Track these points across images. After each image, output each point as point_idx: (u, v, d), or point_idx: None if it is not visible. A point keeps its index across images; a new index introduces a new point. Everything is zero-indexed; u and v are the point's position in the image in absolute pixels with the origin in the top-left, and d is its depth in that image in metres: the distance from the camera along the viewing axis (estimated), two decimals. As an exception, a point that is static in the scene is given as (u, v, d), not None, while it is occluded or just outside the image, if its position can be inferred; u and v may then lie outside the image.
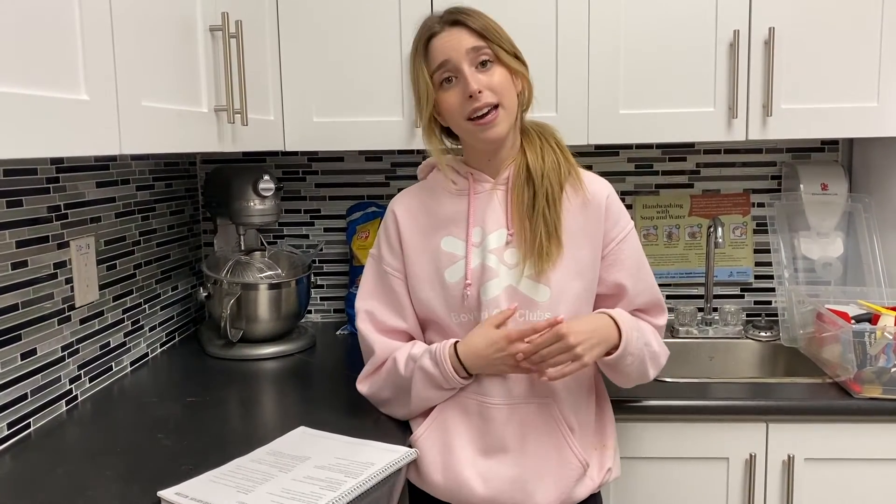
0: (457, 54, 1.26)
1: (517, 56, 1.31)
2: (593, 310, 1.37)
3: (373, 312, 1.40)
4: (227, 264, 1.90)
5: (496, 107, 1.26)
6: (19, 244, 1.37)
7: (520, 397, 1.31)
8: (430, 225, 1.38)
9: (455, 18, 1.27)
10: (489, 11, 1.31)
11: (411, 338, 1.41)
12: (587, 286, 1.34)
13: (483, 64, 1.27)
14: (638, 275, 1.37)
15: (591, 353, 1.23)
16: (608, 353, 1.28)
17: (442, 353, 1.30)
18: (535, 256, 1.29)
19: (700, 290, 2.15)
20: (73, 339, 1.53)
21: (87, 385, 1.58)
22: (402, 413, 1.40)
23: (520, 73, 1.30)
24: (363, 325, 1.40)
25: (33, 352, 1.41)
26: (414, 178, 1.48)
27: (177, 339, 2.02)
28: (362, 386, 1.42)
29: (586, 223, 1.33)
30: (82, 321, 1.56)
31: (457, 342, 1.31)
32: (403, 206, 1.41)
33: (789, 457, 1.56)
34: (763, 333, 1.99)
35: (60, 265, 1.49)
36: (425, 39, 1.30)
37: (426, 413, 1.36)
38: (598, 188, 1.36)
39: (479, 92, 1.25)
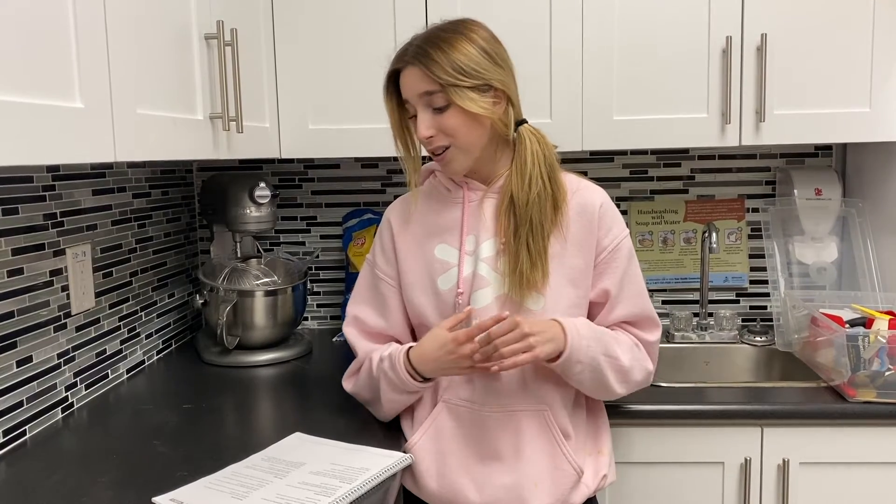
0: (412, 97, 1.28)
1: (489, 85, 1.25)
2: (587, 317, 1.37)
3: (359, 317, 1.43)
4: (224, 271, 1.90)
5: (448, 147, 1.28)
6: (15, 252, 1.38)
7: (513, 405, 1.31)
8: (424, 232, 1.38)
9: (417, 59, 1.25)
10: (482, 18, 1.31)
11: (397, 342, 1.42)
12: (581, 293, 1.34)
13: (436, 106, 1.26)
14: (624, 282, 1.35)
15: (543, 347, 1.22)
16: (556, 359, 1.26)
17: (397, 357, 1.31)
18: (515, 283, 1.29)
19: (695, 296, 2.16)
20: (69, 346, 1.53)
21: (83, 392, 1.58)
22: (381, 415, 1.41)
23: (482, 115, 1.25)
24: (348, 329, 1.44)
25: (29, 359, 1.41)
26: (410, 184, 1.48)
27: (173, 346, 2.02)
28: (347, 383, 1.45)
29: (579, 232, 1.33)
30: (78, 329, 1.57)
31: (411, 347, 1.32)
32: (398, 213, 1.42)
33: (784, 461, 1.56)
34: (758, 338, 1.99)
35: (56, 273, 1.49)
36: (391, 73, 1.31)
37: (420, 421, 1.36)
38: (591, 197, 1.35)
39: (430, 136, 1.27)
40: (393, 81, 1.32)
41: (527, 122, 1.34)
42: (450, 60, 1.23)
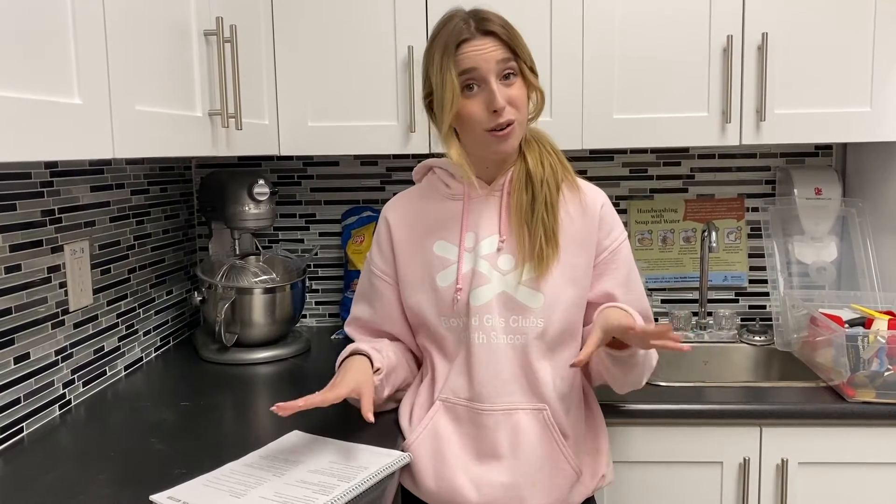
0: (486, 65, 1.24)
1: (533, 69, 1.30)
2: (584, 318, 1.37)
3: (356, 315, 1.46)
4: (222, 269, 1.89)
5: (514, 121, 1.27)
6: (13, 248, 1.37)
7: (512, 404, 1.31)
8: (422, 229, 1.38)
9: (488, 28, 1.25)
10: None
11: (394, 338, 1.45)
12: (580, 293, 1.34)
13: (507, 77, 1.26)
14: (627, 285, 1.37)
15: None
16: (624, 348, 1.26)
17: (338, 363, 1.38)
18: (534, 261, 1.29)
19: (694, 295, 2.16)
20: (67, 343, 1.53)
21: (81, 389, 1.57)
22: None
23: (536, 88, 1.30)
24: (348, 328, 1.48)
25: (27, 356, 1.40)
26: (409, 182, 1.48)
27: (171, 343, 2.02)
28: None
29: (581, 231, 1.34)
30: (76, 325, 1.56)
31: (356, 352, 1.37)
32: (396, 211, 1.42)
33: (783, 461, 1.56)
34: (757, 338, 1.99)
35: (54, 269, 1.49)
36: (455, 44, 1.25)
37: (418, 420, 1.36)
38: (592, 197, 1.37)
39: (504, 108, 1.25)
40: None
41: None
42: (516, 34, 1.27)
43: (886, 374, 1.52)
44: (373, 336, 1.44)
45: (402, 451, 1.31)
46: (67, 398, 1.53)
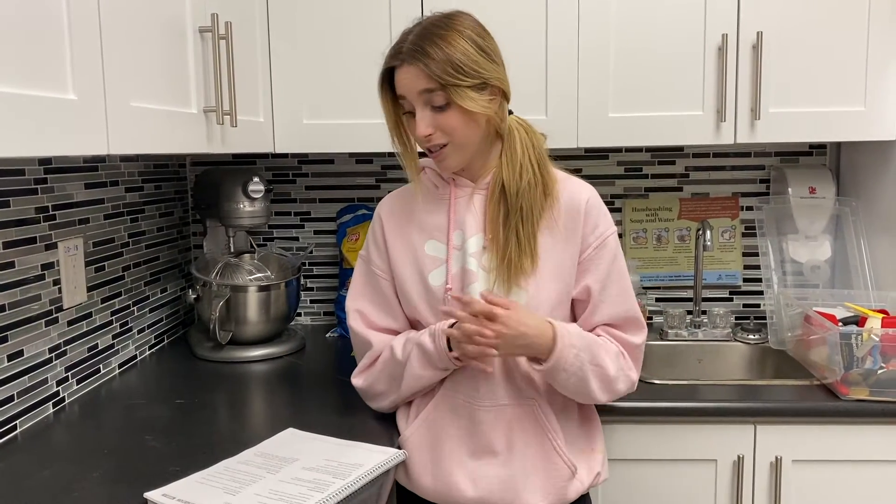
0: (411, 94, 1.26)
1: (486, 83, 1.25)
2: (571, 313, 1.37)
3: (363, 312, 1.41)
4: (217, 266, 1.89)
5: (445, 144, 1.28)
6: (7, 245, 1.37)
7: (505, 398, 1.31)
8: (414, 228, 1.38)
9: (414, 57, 1.23)
10: (478, 15, 1.31)
11: (397, 332, 1.41)
12: (565, 290, 1.33)
13: (436, 105, 1.25)
14: (607, 281, 1.33)
15: (506, 349, 1.23)
16: (538, 362, 1.27)
17: (439, 328, 1.29)
18: (504, 268, 1.29)
19: (689, 293, 2.16)
20: (61, 340, 1.52)
21: (75, 387, 1.57)
22: (391, 401, 1.39)
23: (479, 113, 1.25)
24: (355, 323, 1.41)
25: (20, 353, 1.40)
26: (404, 180, 1.48)
27: (165, 341, 2.01)
28: (357, 380, 1.42)
29: (565, 228, 1.33)
30: (70, 323, 1.56)
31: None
32: (389, 209, 1.42)
33: (777, 458, 1.56)
34: (751, 336, 2.00)
35: (48, 266, 1.48)
36: (386, 71, 1.29)
37: (416, 413, 1.36)
38: (577, 192, 1.34)
39: (429, 134, 1.26)
40: (387, 78, 1.31)
41: (512, 113, 1.34)
42: (448, 59, 1.22)
43: (880, 372, 1.53)
44: (379, 331, 1.41)
45: (399, 446, 1.31)
46: (61, 396, 1.52)
